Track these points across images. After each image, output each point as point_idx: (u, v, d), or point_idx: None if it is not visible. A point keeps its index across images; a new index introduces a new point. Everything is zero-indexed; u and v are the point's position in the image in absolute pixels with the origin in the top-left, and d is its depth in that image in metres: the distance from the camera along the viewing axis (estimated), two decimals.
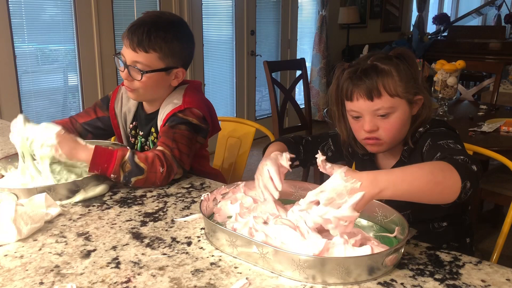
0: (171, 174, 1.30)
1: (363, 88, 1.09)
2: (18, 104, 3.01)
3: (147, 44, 1.33)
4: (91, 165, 1.23)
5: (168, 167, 1.28)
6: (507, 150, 2.03)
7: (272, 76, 3.25)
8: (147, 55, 1.34)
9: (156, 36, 1.33)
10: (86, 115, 1.58)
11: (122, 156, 1.25)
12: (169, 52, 1.37)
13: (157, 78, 1.39)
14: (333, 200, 0.85)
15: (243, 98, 4.83)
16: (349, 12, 5.59)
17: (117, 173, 1.24)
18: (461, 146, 1.05)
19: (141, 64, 1.35)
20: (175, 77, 1.43)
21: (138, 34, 1.33)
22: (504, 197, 2.30)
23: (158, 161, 1.27)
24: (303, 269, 0.82)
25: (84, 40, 3.31)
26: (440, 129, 1.14)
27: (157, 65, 1.37)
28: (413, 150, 1.16)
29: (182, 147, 1.34)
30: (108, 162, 1.24)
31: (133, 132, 1.57)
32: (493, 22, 7.87)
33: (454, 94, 2.59)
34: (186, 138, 1.35)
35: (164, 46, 1.35)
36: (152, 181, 1.28)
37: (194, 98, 1.43)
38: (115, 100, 1.57)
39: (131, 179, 1.26)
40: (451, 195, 0.89)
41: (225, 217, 1.07)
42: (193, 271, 0.87)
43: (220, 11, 4.55)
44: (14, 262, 0.91)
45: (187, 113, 1.39)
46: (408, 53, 1.16)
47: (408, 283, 0.83)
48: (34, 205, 1.09)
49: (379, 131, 1.12)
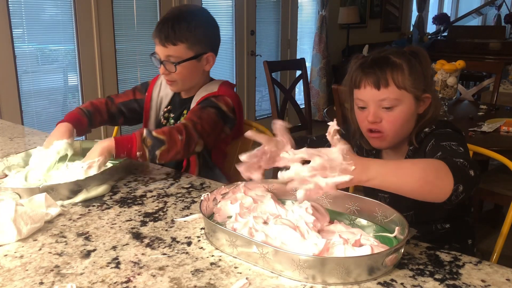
0: (191, 143, 1.35)
1: (371, 76, 1.11)
2: (18, 104, 3.01)
3: (174, 37, 1.44)
4: (116, 150, 1.29)
5: (187, 135, 1.34)
6: (507, 150, 2.02)
7: (272, 76, 3.25)
8: (176, 48, 1.45)
9: (180, 28, 1.44)
10: (124, 96, 1.68)
11: (141, 134, 1.31)
12: (195, 40, 1.47)
13: (190, 66, 1.49)
14: (324, 169, 0.83)
15: (243, 98, 4.82)
16: (349, 12, 5.59)
17: (142, 150, 1.29)
18: (463, 149, 1.05)
19: (173, 57, 1.46)
20: (207, 62, 1.53)
21: (164, 31, 1.45)
22: (504, 197, 2.30)
23: (175, 131, 1.33)
24: (303, 269, 0.82)
25: (84, 40, 3.31)
26: (446, 130, 1.14)
27: (187, 54, 1.47)
28: (417, 150, 1.16)
29: (206, 125, 1.41)
30: (131, 142, 1.29)
31: (166, 115, 1.64)
32: (493, 22, 7.87)
33: (454, 94, 2.59)
34: (211, 119, 1.43)
35: (189, 35, 1.45)
36: (175, 150, 1.32)
37: (229, 90, 1.54)
38: (154, 86, 1.67)
39: (155, 153, 1.30)
40: (441, 195, 0.89)
41: (225, 217, 1.07)
42: (193, 271, 0.87)
43: (220, 11, 4.55)
44: (14, 262, 0.91)
45: (220, 99, 1.49)
46: (422, 52, 1.17)
47: (408, 283, 0.83)
48: (34, 205, 1.09)
49: (382, 123, 1.12)
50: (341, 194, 1.09)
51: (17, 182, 1.26)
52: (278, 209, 1.06)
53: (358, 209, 1.06)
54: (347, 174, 0.84)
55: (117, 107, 1.65)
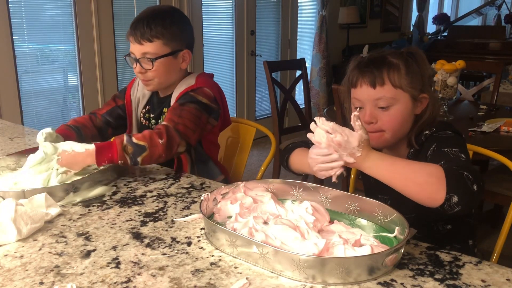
0: (173, 145, 1.34)
1: (368, 75, 1.12)
2: (18, 104, 3.01)
3: (150, 34, 1.44)
4: (97, 160, 1.28)
5: (168, 138, 1.33)
6: (507, 150, 2.02)
7: (272, 76, 3.25)
8: (152, 44, 1.45)
9: (156, 25, 1.44)
10: (106, 106, 1.68)
11: (121, 141, 1.30)
12: (171, 37, 1.47)
13: (167, 63, 1.49)
14: (339, 145, 0.96)
15: (243, 98, 4.82)
16: (349, 12, 5.59)
17: (123, 158, 1.29)
18: (465, 155, 1.05)
19: (149, 53, 1.46)
20: (183, 59, 1.52)
21: (140, 28, 1.45)
22: (504, 197, 2.30)
23: (155, 135, 1.32)
24: (303, 269, 0.82)
25: (84, 40, 3.31)
26: (447, 132, 1.13)
27: (164, 50, 1.47)
28: (419, 152, 1.16)
29: (188, 122, 1.39)
30: (111, 151, 1.29)
31: (146, 115, 1.64)
32: (493, 22, 7.87)
33: (454, 94, 2.59)
34: (193, 115, 1.42)
35: (165, 32, 1.46)
36: (157, 154, 1.32)
37: (207, 80, 1.54)
38: (132, 88, 1.67)
39: (137, 160, 1.30)
40: (430, 201, 0.92)
41: (225, 217, 1.07)
42: (193, 271, 0.87)
43: (220, 11, 4.55)
44: (14, 262, 0.91)
45: (199, 91, 1.48)
46: (420, 52, 1.17)
47: (408, 283, 0.83)
48: (34, 205, 1.09)
49: (378, 123, 1.13)
50: (341, 194, 1.09)
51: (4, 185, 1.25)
52: (278, 209, 1.06)
53: (358, 209, 1.06)
54: (352, 158, 0.96)
55: (102, 118, 1.65)
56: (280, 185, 1.16)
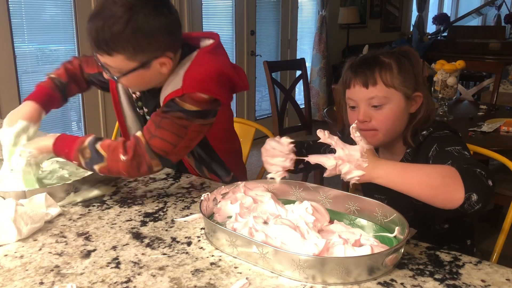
0: (140, 164, 1.14)
1: (360, 75, 1.13)
2: (18, 104, 2.95)
3: (106, 47, 1.11)
4: (53, 148, 1.17)
5: (135, 156, 1.12)
6: (507, 150, 2.02)
7: (272, 76, 3.25)
8: (112, 58, 1.13)
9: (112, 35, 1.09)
10: (90, 67, 1.44)
11: (82, 142, 1.15)
12: (135, 51, 1.12)
13: (138, 76, 1.17)
14: (342, 161, 0.94)
15: (243, 98, 4.82)
16: (349, 12, 5.59)
17: (77, 160, 1.15)
18: (468, 153, 1.05)
19: (111, 68, 1.16)
20: (161, 65, 1.18)
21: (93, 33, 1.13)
22: (504, 197, 2.29)
23: (121, 149, 1.12)
24: (303, 269, 0.82)
25: (84, 40, 3.30)
26: (445, 132, 1.13)
27: (128, 66, 1.14)
28: (417, 152, 1.16)
29: (167, 135, 1.15)
30: (69, 147, 1.15)
31: (139, 103, 1.39)
32: (493, 22, 7.87)
33: (454, 94, 2.59)
34: (176, 126, 1.15)
35: (126, 45, 1.10)
36: (116, 170, 1.14)
37: (198, 76, 1.18)
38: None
39: (93, 167, 1.15)
40: (450, 202, 0.89)
41: (225, 217, 1.07)
42: (193, 271, 0.87)
43: (220, 11, 4.55)
44: (14, 262, 0.91)
45: (186, 99, 1.16)
46: (412, 52, 1.18)
47: (408, 283, 0.83)
48: (34, 205, 1.09)
49: (372, 122, 1.13)
50: (341, 194, 1.09)
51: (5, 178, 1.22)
52: (278, 209, 1.06)
53: (358, 209, 1.06)
54: (360, 170, 0.93)
55: (88, 77, 1.45)
56: (280, 185, 1.16)
